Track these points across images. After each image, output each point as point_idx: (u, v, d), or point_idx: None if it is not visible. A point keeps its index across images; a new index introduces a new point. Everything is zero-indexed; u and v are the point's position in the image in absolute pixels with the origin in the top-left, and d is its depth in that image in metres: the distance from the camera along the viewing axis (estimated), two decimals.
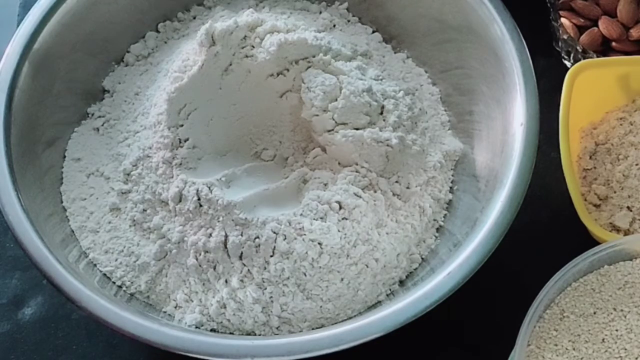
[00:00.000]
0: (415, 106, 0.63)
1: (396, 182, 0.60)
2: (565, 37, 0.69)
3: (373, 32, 0.69)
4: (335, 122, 0.60)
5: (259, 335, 0.56)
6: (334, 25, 0.68)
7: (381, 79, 0.63)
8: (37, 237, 0.55)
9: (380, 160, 0.59)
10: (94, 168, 0.63)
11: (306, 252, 0.55)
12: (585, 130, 0.65)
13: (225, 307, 0.56)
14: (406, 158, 0.60)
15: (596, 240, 0.59)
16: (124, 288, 0.59)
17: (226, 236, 0.56)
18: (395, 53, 0.68)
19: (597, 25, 0.69)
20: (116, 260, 0.59)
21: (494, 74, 0.61)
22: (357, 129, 0.59)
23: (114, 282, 0.59)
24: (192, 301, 0.57)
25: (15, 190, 0.56)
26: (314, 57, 0.61)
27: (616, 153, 0.63)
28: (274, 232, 0.56)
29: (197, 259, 0.57)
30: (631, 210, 0.61)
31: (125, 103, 0.65)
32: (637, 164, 0.62)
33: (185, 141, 0.60)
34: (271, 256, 0.55)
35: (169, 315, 0.58)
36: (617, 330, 0.51)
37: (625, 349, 0.51)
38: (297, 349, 0.52)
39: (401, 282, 0.59)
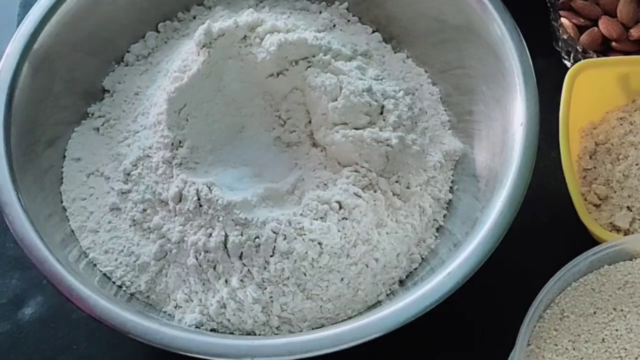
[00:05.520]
0: (415, 106, 0.63)
1: (396, 182, 0.60)
2: (565, 37, 0.69)
3: (373, 32, 0.69)
4: (335, 122, 0.60)
5: (259, 335, 0.56)
6: (334, 25, 0.68)
7: (381, 79, 0.63)
8: (37, 237, 0.55)
9: (380, 160, 0.59)
10: (94, 168, 0.63)
11: (306, 252, 0.55)
12: (585, 130, 0.65)
13: (225, 307, 0.56)
14: (406, 158, 0.60)
15: (596, 240, 0.59)
16: (124, 288, 0.59)
17: (226, 236, 0.56)
18: (395, 53, 0.68)
19: (597, 25, 0.69)
20: (116, 260, 0.59)
21: (494, 73, 0.61)
22: (357, 128, 0.59)
23: (114, 282, 0.59)
24: (192, 301, 0.57)
25: (15, 190, 0.57)
26: (314, 57, 0.61)
27: (616, 153, 0.63)
28: (274, 232, 0.56)
29: (197, 259, 0.57)
30: (631, 210, 0.61)
31: (125, 103, 0.65)
32: (637, 164, 0.62)
33: (185, 141, 0.60)
34: (271, 256, 0.55)
35: (169, 315, 0.58)
36: (617, 330, 0.51)
37: (625, 349, 0.51)
38: (297, 349, 0.52)
39: (401, 282, 0.59)
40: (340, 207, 0.57)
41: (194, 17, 0.70)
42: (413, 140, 0.61)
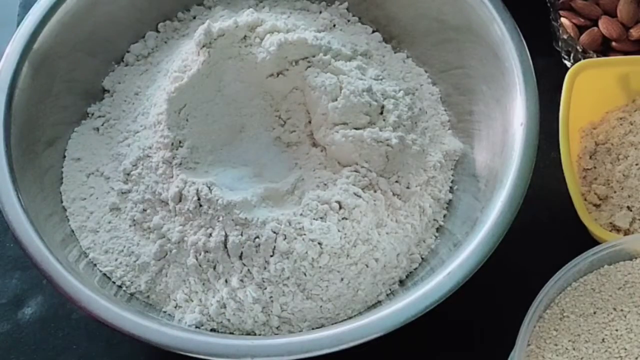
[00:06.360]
0: (415, 106, 0.63)
1: (396, 182, 0.60)
2: (565, 37, 0.69)
3: (373, 32, 0.69)
4: (335, 122, 0.60)
5: (259, 335, 0.56)
6: (334, 25, 0.68)
7: (381, 79, 0.63)
8: (37, 237, 0.55)
9: (380, 160, 0.59)
10: (94, 168, 0.63)
11: (306, 252, 0.55)
12: (585, 130, 0.65)
13: (225, 307, 0.56)
14: (406, 158, 0.60)
15: (596, 240, 0.59)
16: (124, 288, 0.59)
17: (226, 236, 0.56)
18: (395, 53, 0.68)
19: (597, 25, 0.69)
20: (116, 260, 0.59)
21: (494, 73, 0.61)
22: (357, 128, 0.60)
23: (114, 282, 0.59)
24: (192, 301, 0.57)
25: (15, 190, 0.57)
26: (314, 57, 0.61)
27: (616, 153, 0.63)
28: (274, 232, 0.56)
29: (197, 259, 0.57)
30: (631, 210, 0.61)
31: (125, 103, 0.65)
32: (637, 164, 0.62)
33: (185, 141, 0.60)
34: (271, 256, 0.55)
35: (169, 315, 0.58)
36: (617, 330, 0.51)
37: (625, 349, 0.51)
38: (297, 349, 0.52)
39: (401, 282, 0.59)
40: (340, 207, 0.57)
41: (194, 17, 0.70)
42: (413, 140, 0.61)
